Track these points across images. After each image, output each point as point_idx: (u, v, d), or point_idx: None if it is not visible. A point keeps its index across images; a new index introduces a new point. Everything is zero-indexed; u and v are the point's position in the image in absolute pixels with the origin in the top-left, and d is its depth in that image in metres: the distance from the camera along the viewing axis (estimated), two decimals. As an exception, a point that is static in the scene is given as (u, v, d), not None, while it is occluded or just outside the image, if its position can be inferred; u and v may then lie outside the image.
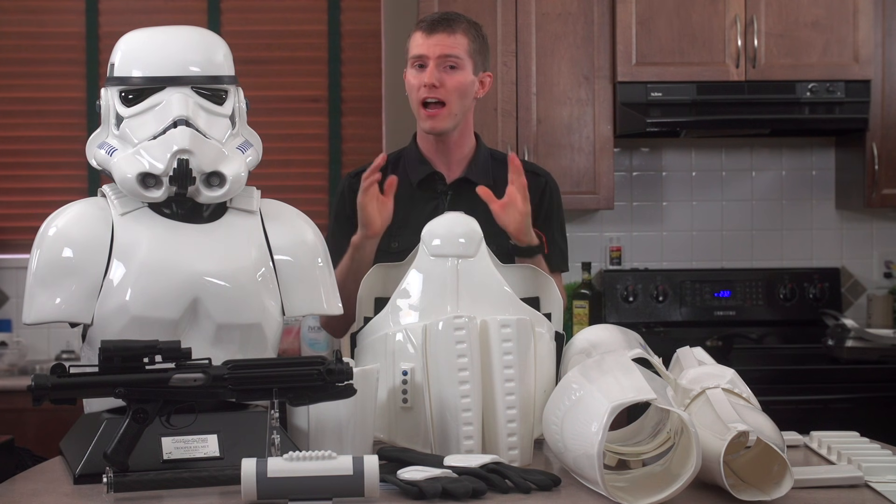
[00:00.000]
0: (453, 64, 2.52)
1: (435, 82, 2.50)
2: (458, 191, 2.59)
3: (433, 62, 2.51)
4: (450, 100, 2.52)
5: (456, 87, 2.52)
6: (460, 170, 2.61)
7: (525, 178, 2.40)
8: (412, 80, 2.55)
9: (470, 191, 2.54)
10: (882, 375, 3.81)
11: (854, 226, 4.61)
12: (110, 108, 2.06)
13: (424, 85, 2.51)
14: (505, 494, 1.74)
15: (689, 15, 4.13)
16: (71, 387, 1.77)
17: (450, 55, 2.52)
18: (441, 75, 2.51)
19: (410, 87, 2.56)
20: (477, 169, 2.60)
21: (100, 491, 1.73)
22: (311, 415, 1.94)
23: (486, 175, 2.60)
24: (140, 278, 1.96)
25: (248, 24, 4.73)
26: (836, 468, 1.88)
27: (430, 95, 2.51)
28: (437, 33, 2.52)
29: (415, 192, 2.60)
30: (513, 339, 1.99)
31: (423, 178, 2.60)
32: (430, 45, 2.51)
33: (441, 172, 2.60)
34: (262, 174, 2.59)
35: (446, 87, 2.51)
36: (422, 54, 2.52)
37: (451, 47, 2.52)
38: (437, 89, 2.51)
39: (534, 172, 2.66)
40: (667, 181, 4.60)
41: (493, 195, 2.39)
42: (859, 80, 4.14)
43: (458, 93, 2.53)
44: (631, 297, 4.42)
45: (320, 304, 2.12)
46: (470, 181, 2.58)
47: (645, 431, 2.01)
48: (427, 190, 2.60)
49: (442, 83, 2.51)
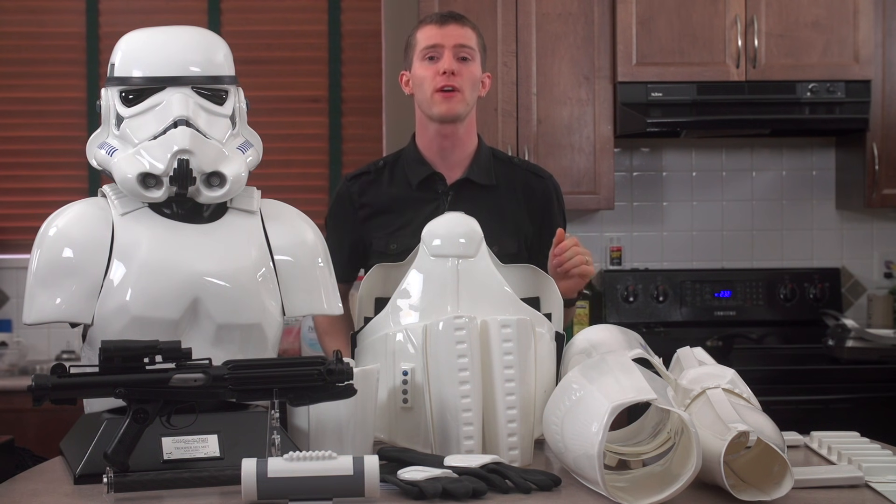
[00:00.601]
0: (466, 55, 2.51)
1: (454, 69, 2.48)
2: (459, 191, 2.57)
3: (449, 51, 2.50)
4: (465, 88, 2.51)
5: (470, 77, 2.52)
6: (461, 170, 2.59)
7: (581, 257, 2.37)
8: (423, 71, 2.52)
9: (471, 191, 2.54)
10: (882, 375, 3.81)
11: (854, 226, 4.61)
12: (110, 108, 2.06)
13: (443, 73, 2.48)
14: (505, 494, 1.74)
15: (690, 15, 4.13)
16: (71, 387, 1.77)
17: (465, 45, 2.51)
18: (457, 65, 2.49)
19: (422, 79, 2.52)
20: (479, 169, 2.59)
21: (100, 491, 1.73)
22: (311, 415, 1.94)
23: (487, 175, 2.59)
24: (140, 278, 1.95)
25: (248, 24, 4.73)
26: (836, 468, 1.88)
27: (448, 83, 2.49)
28: (450, 25, 2.52)
29: (414, 194, 2.58)
30: (513, 339, 1.99)
31: (423, 180, 2.58)
32: (445, 35, 2.51)
33: (441, 173, 2.59)
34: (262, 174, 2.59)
35: (462, 77, 2.50)
36: (436, 44, 2.50)
37: (465, 38, 2.52)
38: (454, 77, 2.49)
39: (537, 174, 2.66)
40: (667, 181, 4.60)
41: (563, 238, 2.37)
42: (859, 81, 4.14)
43: (471, 83, 2.52)
44: (631, 298, 4.42)
45: (320, 304, 2.12)
46: (472, 182, 2.57)
47: (645, 431, 2.01)
48: (426, 191, 2.58)
49: (458, 72, 2.49)
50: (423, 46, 2.52)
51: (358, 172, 2.67)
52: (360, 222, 2.60)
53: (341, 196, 2.65)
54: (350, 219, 2.61)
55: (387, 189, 2.61)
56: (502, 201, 2.58)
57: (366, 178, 2.64)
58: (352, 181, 2.64)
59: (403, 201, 2.55)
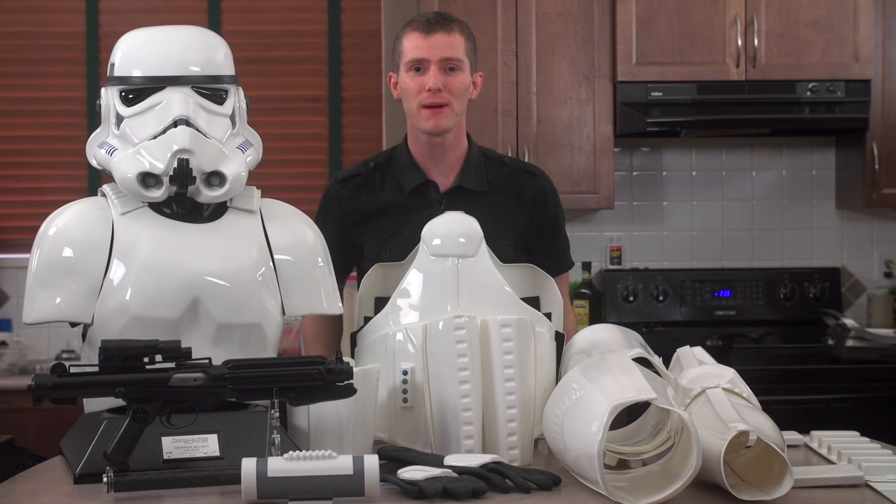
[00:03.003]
0: (454, 66, 2.45)
1: (439, 86, 2.42)
2: (453, 199, 2.52)
3: (435, 65, 2.43)
4: (452, 102, 2.45)
5: (458, 89, 2.45)
6: (454, 175, 2.54)
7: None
8: (410, 83, 2.46)
9: (464, 198, 2.50)
10: (882, 375, 3.81)
11: (854, 225, 4.61)
12: (110, 107, 2.06)
13: (428, 89, 2.43)
14: (505, 494, 1.74)
15: (690, 15, 4.13)
16: (71, 386, 1.77)
17: (451, 58, 2.44)
18: (444, 78, 2.43)
19: (408, 91, 2.47)
20: (470, 174, 2.54)
21: (100, 491, 1.73)
22: (311, 414, 1.94)
23: (479, 179, 2.55)
24: (140, 278, 1.95)
25: (248, 24, 4.73)
26: (836, 468, 1.88)
27: (434, 101, 2.44)
28: (436, 33, 2.44)
29: (406, 200, 2.53)
30: (513, 339, 1.99)
31: (416, 187, 2.54)
32: (431, 48, 2.43)
33: (434, 181, 2.54)
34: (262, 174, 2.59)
35: (450, 90, 2.44)
36: (421, 58, 2.44)
37: (451, 49, 2.44)
38: (441, 93, 2.43)
39: (529, 172, 2.62)
40: (667, 181, 4.60)
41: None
42: (859, 80, 4.14)
43: (459, 95, 2.46)
44: (631, 297, 4.42)
45: (320, 303, 2.12)
46: (464, 189, 2.54)
47: (645, 431, 2.01)
48: (419, 198, 2.53)
49: (445, 86, 2.43)
50: (409, 58, 2.46)
51: (347, 175, 2.60)
52: (348, 225, 2.55)
53: (330, 198, 2.59)
54: (338, 221, 2.55)
55: (378, 194, 2.56)
56: (495, 206, 2.52)
57: (356, 182, 2.58)
58: (341, 184, 2.58)
59: (396, 208, 2.51)
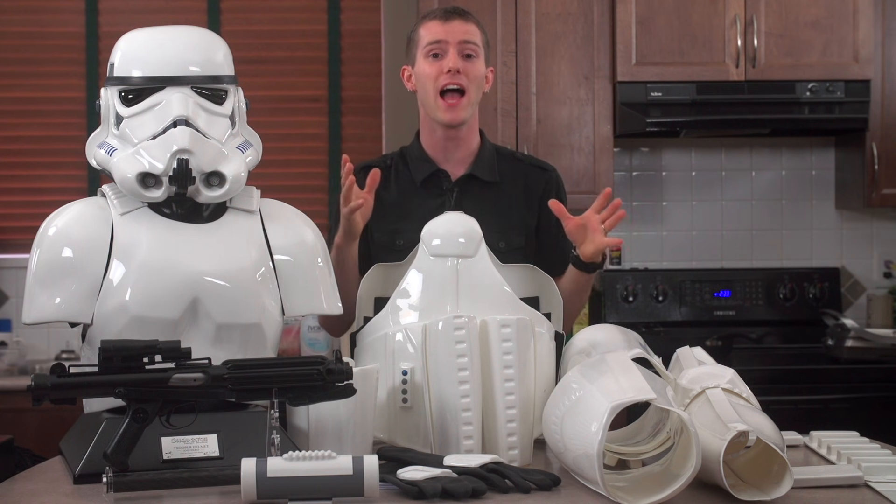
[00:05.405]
0: (471, 52, 2.47)
1: (459, 67, 2.44)
2: (464, 188, 2.55)
3: (454, 48, 2.45)
4: (470, 88, 2.47)
5: (476, 75, 2.48)
6: (465, 166, 2.57)
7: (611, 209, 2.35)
8: (428, 68, 2.47)
9: (476, 187, 2.53)
10: (882, 375, 3.81)
11: (854, 226, 4.61)
12: (110, 107, 2.06)
13: (447, 71, 2.44)
14: (505, 494, 1.74)
15: (689, 15, 4.13)
16: (71, 387, 1.77)
17: (469, 41, 2.47)
18: (462, 63, 2.45)
19: (426, 77, 2.48)
20: (482, 165, 2.57)
21: (100, 491, 1.73)
22: (311, 415, 1.94)
23: (490, 171, 2.58)
24: (140, 278, 1.95)
25: (248, 24, 4.74)
26: (836, 468, 1.88)
27: (453, 82, 2.45)
28: (454, 20, 2.48)
29: (419, 191, 2.56)
30: (513, 339, 1.99)
31: (427, 177, 2.56)
32: (449, 31, 2.46)
33: (445, 170, 2.57)
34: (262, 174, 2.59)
35: (467, 75, 2.46)
36: (440, 39, 2.46)
37: (469, 34, 2.48)
38: (459, 75, 2.45)
39: (540, 167, 2.65)
40: (667, 181, 4.60)
41: (565, 210, 2.33)
42: (859, 80, 4.14)
43: (476, 82, 2.48)
44: (631, 297, 4.42)
45: (320, 304, 2.12)
46: (476, 178, 2.56)
47: (645, 431, 2.01)
48: (431, 188, 2.56)
49: (463, 70, 2.45)
50: (427, 42, 2.48)
51: (366, 164, 2.62)
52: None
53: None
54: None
55: (392, 185, 2.58)
56: (506, 196, 2.56)
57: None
58: (359, 173, 2.62)
59: (408, 198, 2.53)
